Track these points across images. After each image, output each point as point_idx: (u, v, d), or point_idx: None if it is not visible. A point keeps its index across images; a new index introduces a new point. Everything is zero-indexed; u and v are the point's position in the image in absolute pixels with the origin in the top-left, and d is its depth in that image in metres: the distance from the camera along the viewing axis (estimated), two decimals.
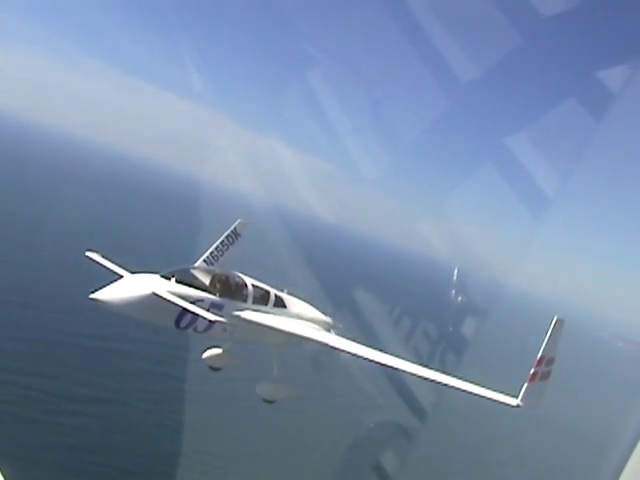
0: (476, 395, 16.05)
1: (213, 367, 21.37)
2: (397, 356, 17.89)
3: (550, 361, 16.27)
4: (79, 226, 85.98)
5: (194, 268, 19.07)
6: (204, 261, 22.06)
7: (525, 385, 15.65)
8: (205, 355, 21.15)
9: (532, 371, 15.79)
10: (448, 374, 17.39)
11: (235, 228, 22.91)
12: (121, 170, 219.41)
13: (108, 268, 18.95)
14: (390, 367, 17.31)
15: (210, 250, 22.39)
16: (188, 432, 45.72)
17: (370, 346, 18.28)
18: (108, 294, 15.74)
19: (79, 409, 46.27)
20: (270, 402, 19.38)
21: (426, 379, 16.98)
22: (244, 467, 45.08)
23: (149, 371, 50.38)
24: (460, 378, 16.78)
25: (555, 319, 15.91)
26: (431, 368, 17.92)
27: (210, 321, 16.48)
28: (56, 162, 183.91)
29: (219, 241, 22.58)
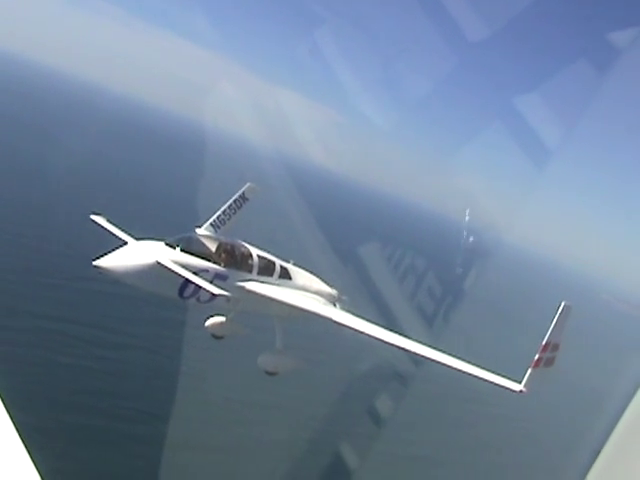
0: (479, 378, 15.92)
1: (216, 335, 21.29)
2: (400, 327, 17.82)
3: (555, 347, 16.07)
4: (80, 172, 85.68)
5: (199, 236, 18.81)
6: (211, 225, 21.76)
7: (529, 371, 15.47)
8: (208, 323, 21.03)
9: (537, 357, 15.59)
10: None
11: (243, 192, 22.47)
12: (125, 113, 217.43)
13: (112, 233, 18.70)
14: (394, 345, 17.14)
15: (217, 214, 22.01)
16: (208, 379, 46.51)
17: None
18: (111, 262, 15.54)
19: (108, 354, 47.26)
20: (272, 374, 19.32)
21: (431, 360, 16.83)
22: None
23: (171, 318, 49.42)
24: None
25: (562, 305, 15.58)
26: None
27: (213, 294, 16.28)
28: (57, 103, 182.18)
29: (226, 205, 22.13)
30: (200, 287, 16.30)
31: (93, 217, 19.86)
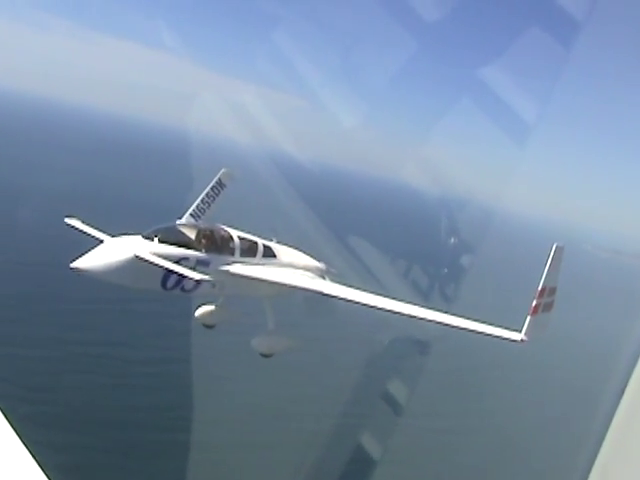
0: (478, 332, 15.57)
1: (206, 324, 20.86)
2: (395, 297, 17.41)
3: (552, 291, 15.72)
4: (63, 191, 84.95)
5: (177, 225, 18.35)
6: (190, 215, 21.33)
7: (528, 318, 15.06)
8: (197, 313, 20.59)
9: (534, 303, 15.16)
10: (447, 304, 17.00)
11: (219, 178, 22.09)
12: (100, 129, 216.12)
13: (88, 234, 18.19)
14: (389, 311, 16.75)
15: (196, 203, 21.63)
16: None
17: (366, 288, 17.80)
18: (88, 261, 15.01)
19: (147, 370, 48.03)
20: (267, 356, 18.93)
21: (427, 320, 16.47)
22: None
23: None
24: (460, 312, 16.35)
25: (554, 246, 15.16)
26: (429, 304, 17.51)
27: (197, 280, 15.83)
28: (29, 127, 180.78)
29: (204, 193, 21.79)
30: (183, 276, 15.88)
31: (67, 220, 19.35)
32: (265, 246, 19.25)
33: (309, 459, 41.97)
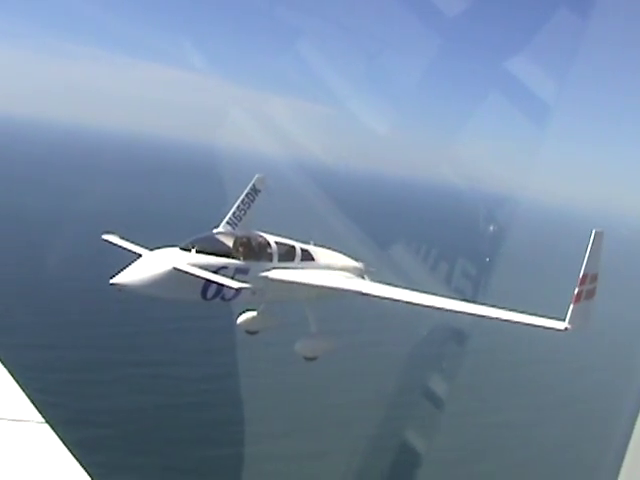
0: (522, 323, 15.34)
1: (249, 331, 20.92)
2: (434, 294, 17.27)
3: (593, 278, 15.48)
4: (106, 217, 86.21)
5: (214, 234, 18.48)
6: (227, 223, 21.47)
7: (571, 307, 14.86)
8: (240, 320, 20.64)
9: (576, 291, 14.95)
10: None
11: (254, 184, 22.23)
12: (128, 152, 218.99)
13: (126, 249, 18.40)
14: (429, 307, 16.60)
15: (232, 211, 21.78)
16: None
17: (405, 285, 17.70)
18: (128, 276, 15.16)
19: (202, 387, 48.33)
20: (311, 359, 18.88)
21: (469, 314, 16.30)
22: None
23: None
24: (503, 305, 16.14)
25: (594, 232, 14.95)
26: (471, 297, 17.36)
27: (236, 289, 15.87)
28: (70, 157, 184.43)
29: (239, 200, 21.95)
30: (222, 285, 15.95)
31: (105, 237, 19.61)
32: (303, 250, 19.20)
33: (365, 464, 41.96)
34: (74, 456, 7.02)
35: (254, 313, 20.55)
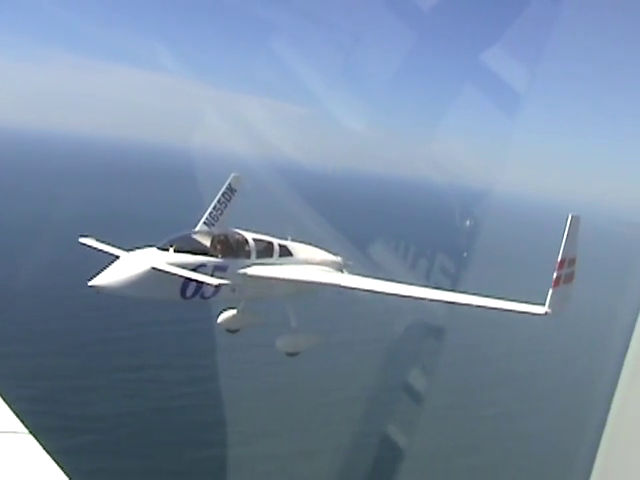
0: (501, 309, 15.45)
1: (230, 329, 20.88)
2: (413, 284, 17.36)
3: (572, 262, 15.58)
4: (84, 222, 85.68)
5: (191, 233, 18.43)
6: (204, 223, 21.44)
7: (550, 291, 14.94)
8: (220, 319, 20.61)
9: (555, 275, 15.04)
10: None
11: (229, 184, 22.20)
12: (105, 154, 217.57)
13: (104, 251, 18.27)
14: (409, 297, 16.69)
15: (208, 211, 21.75)
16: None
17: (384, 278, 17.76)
18: (106, 278, 15.10)
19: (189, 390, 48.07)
20: (293, 355, 18.90)
21: (448, 302, 16.39)
22: None
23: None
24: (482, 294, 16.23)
25: (570, 217, 15.00)
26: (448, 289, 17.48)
27: (215, 286, 15.85)
28: (33, 159, 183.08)
29: (216, 200, 21.94)
30: (201, 283, 15.92)
31: (82, 240, 19.46)
32: (281, 245, 19.19)
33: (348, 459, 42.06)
34: (57, 464, 6.92)
35: (234, 311, 20.54)
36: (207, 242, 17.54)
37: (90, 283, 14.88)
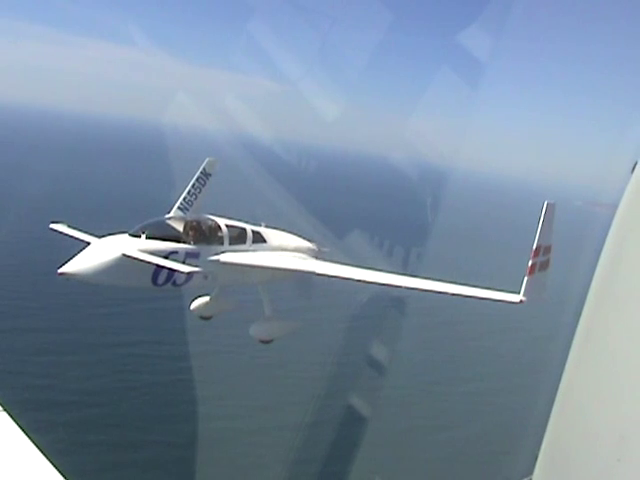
0: (476, 297, 15.47)
1: (203, 316, 20.68)
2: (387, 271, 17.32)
3: (547, 249, 15.57)
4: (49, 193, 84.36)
5: (164, 219, 18.11)
6: (178, 208, 21.09)
7: (525, 279, 14.96)
8: (193, 306, 20.41)
9: (530, 263, 15.05)
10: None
11: (204, 168, 21.83)
12: (76, 132, 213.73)
13: (75, 237, 17.90)
14: (384, 284, 16.63)
15: (183, 195, 21.39)
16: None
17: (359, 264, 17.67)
18: (76, 265, 14.76)
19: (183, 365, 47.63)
20: (267, 342, 18.76)
21: (423, 290, 16.34)
22: None
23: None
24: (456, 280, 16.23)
25: (545, 204, 14.95)
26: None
27: (187, 273, 15.62)
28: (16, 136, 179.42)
29: (190, 184, 21.57)
30: (173, 270, 15.66)
31: (53, 226, 19.05)
32: (254, 232, 18.92)
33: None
34: (34, 443, 6.78)
35: (207, 298, 20.34)
36: (179, 228, 17.30)
37: (60, 270, 14.56)
